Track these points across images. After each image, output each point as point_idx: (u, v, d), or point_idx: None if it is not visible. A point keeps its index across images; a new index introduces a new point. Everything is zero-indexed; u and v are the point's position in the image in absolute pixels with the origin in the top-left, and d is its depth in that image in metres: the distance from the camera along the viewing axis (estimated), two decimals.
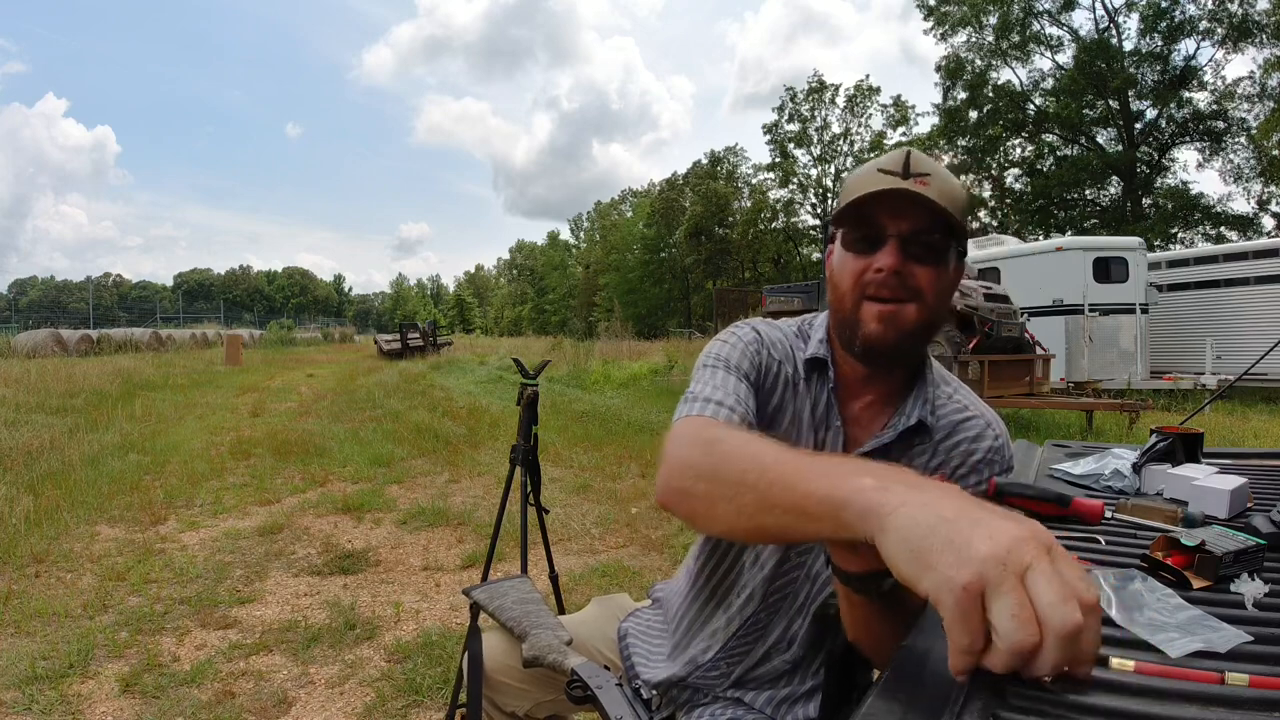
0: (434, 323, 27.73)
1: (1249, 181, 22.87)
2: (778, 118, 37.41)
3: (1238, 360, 9.71)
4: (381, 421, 8.16)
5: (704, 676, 1.02)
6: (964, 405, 0.97)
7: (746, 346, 0.96)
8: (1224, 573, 0.69)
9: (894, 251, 0.86)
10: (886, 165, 0.87)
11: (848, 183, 0.91)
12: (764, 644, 0.99)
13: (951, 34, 26.52)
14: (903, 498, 0.51)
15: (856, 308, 0.89)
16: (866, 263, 0.88)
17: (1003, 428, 0.98)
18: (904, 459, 0.93)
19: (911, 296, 0.87)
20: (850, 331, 0.90)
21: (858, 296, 0.89)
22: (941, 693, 0.49)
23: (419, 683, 2.36)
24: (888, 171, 0.86)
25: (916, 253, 0.87)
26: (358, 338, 45.11)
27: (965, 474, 0.94)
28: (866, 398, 0.96)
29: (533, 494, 2.21)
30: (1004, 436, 0.97)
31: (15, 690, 2.30)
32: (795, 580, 0.97)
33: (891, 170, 0.86)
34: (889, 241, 0.86)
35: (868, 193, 0.85)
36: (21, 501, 4.36)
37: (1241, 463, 1.26)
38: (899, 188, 0.84)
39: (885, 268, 0.86)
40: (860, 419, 0.97)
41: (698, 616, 1.05)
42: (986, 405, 1.00)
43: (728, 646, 1.01)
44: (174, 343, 24.84)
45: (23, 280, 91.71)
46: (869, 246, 0.88)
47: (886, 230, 0.86)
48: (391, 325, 52.23)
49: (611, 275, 49.05)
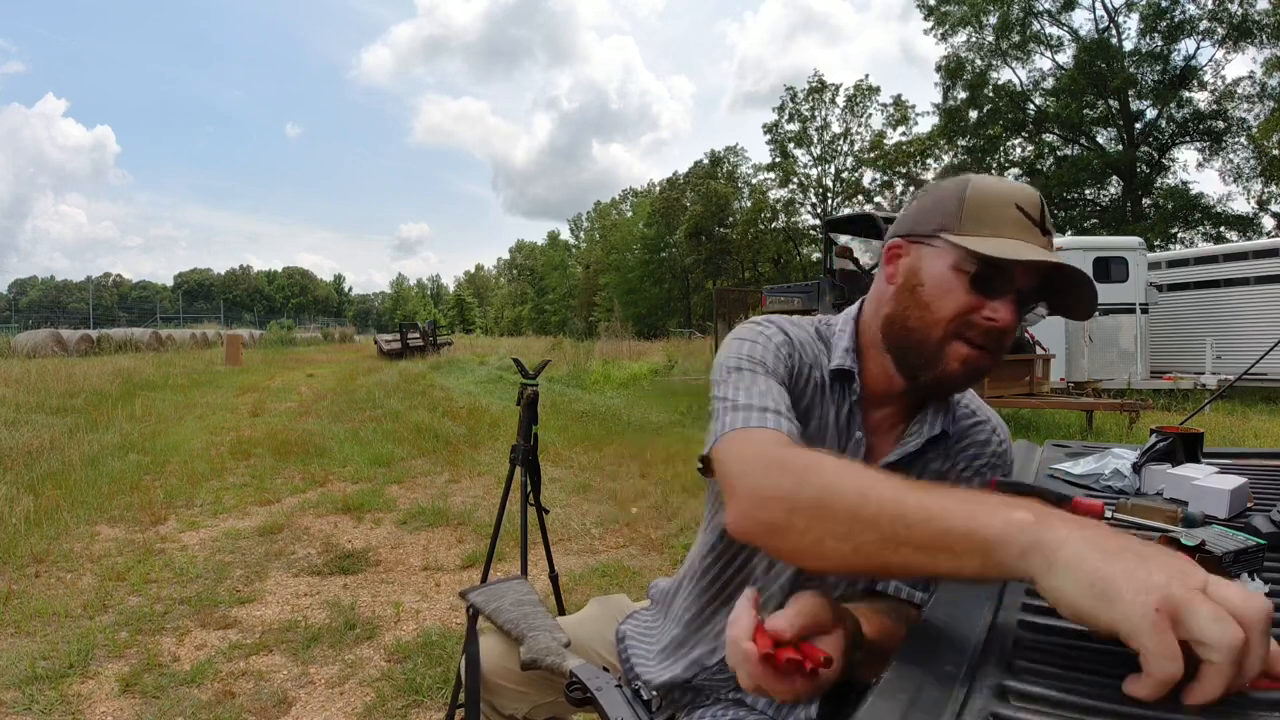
0: (434, 323, 27.73)
1: (1249, 181, 22.89)
2: (778, 118, 37.39)
3: (1238, 360, 9.71)
4: (381, 421, 8.16)
5: (710, 679, 1.01)
6: (972, 409, 0.97)
7: (779, 348, 0.89)
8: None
9: (1012, 308, 0.81)
10: (1025, 204, 0.81)
11: (980, 200, 0.82)
12: None
13: (951, 34, 26.51)
14: (1065, 534, 0.50)
15: (945, 341, 0.82)
16: (979, 303, 0.81)
17: (1006, 431, 0.99)
18: (920, 464, 0.92)
19: (999, 347, 0.83)
20: (924, 360, 0.84)
21: (951, 332, 0.82)
22: (942, 693, 0.49)
23: (419, 683, 2.36)
24: (1028, 214, 0.81)
25: (1023, 308, 0.83)
26: (358, 338, 45.10)
27: (970, 476, 0.94)
28: (888, 408, 0.93)
29: (533, 494, 2.21)
30: (1007, 440, 0.98)
31: (15, 690, 2.30)
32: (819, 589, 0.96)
33: (1031, 215, 0.81)
34: (1011, 294, 0.81)
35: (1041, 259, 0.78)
36: (21, 501, 4.36)
37: (1241, 463, 1.26)
38: (1052, 263, 0.78)
39: (1001, 322, 0.80)
40: (880, 427, 0.94)
41: (700, 615, 1.03)
42: (989, 407, 1.00)
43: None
44: (174, 343, 24.84)
45: (23, 280, 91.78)
46: (990, 289, 0.80)
47: (1015, 284, 0.80)
48: (391, 325, 52.21)
49: (611, 275, 49.03)
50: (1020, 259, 0.78)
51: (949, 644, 0.57)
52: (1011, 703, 0.46)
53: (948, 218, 0.83)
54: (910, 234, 0.87)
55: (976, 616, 0.62)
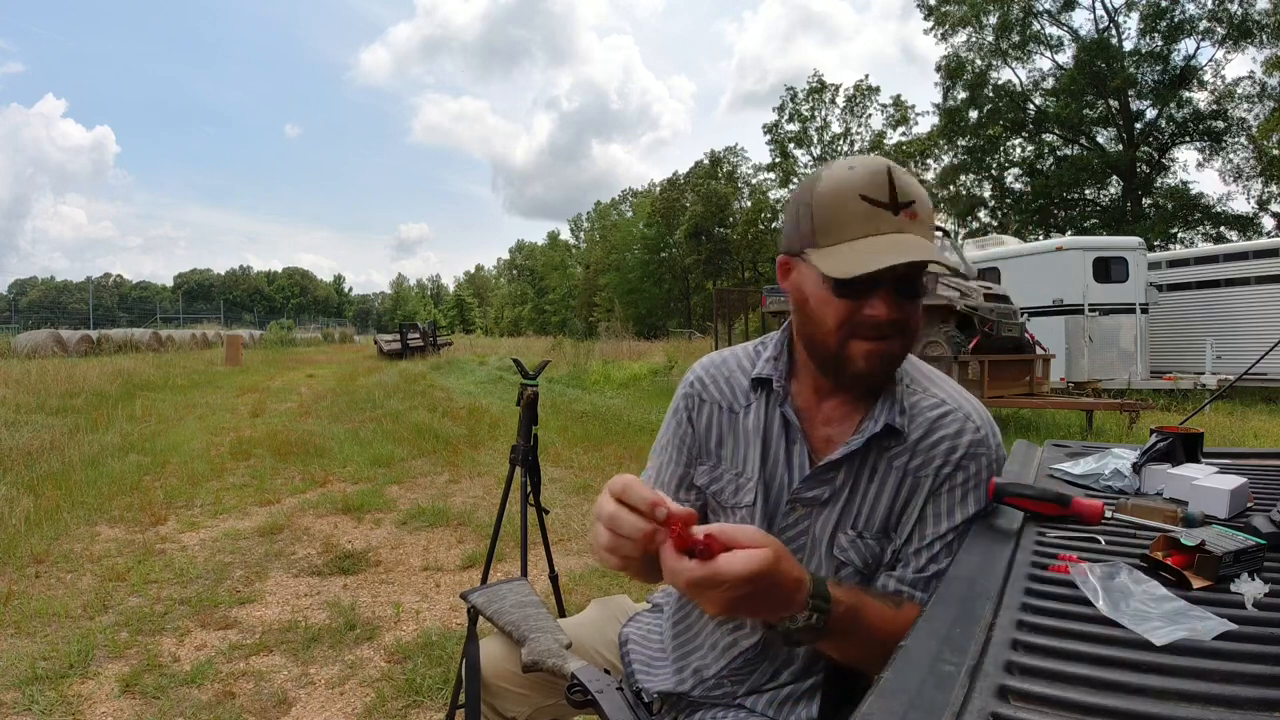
0: (434, 323, 27.75)
1: (1249, 181, 22.89)
2: (778, 118, 37.40)
3: (1238, 360, 9.70)
4: (381, 422, 8.16)
5: (708, 694, 1.00)
6: (941, 400, 0.93)
7: (679, 424, 1.04)
8: (1224, 572, 0.69)
9: (888, 301, 0.83)
10: (870, 190, 0.81)
11: (821, 198, 0.84)
12: (773, 663, 0.97)
13: (951, 34, 26.51)
14: None
15: (842, 344, 0.86)
16: (856, 307, 0.84)
17: (985, 418, 0.94)
18: (880, 463, 0.91)
19: (900, 331, 0.86)
20: (835, 366, 0.88)
21: (845, 336, 0.86)
22: (942, 693, 0.49)
23: (419, 683, 2.36)
24: (874, 201, 0.81)
25: (908, 290, 0.85)
26: (358, 338, 45.14)
27: (951, 471, 0.90)
28: (834, 405, 0.95)
29: (533, 494, 2.21)
30: (986, 427, 0.93)
31: (15, 690, 2.30)
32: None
33: (877, 199, 0.81)
34: (880, 289, 0.83)
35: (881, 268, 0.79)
36: (21, 502, 4.36)
37: (1241, 463, 1.26)
38: (908, 253, 0.79)
39: (881, 316, 0.83)
40: (829, 426, 0.95)
41: (696, 623, 1.04)
42: (968, 397, 0.96)
43: (733, 665, 0.98)
44: (174, 343, 24.85)
45: (23, 280, 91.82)
46: (858, 290, 0.83)
47: (880, 277, 0.81)
48: (391, 325, 52.19)
49: (611, 275, 49.04)
50: (864, 272, 0.79)
51: (949, 644, 0.57)
52: (1011, 703, 0.46)
53: (804, 235, 0.87)
54: (788, 251, 0.92)
55: (977, 616, 0.62)
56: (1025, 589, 0.68)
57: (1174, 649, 0.54)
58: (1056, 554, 0.78)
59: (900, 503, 0.91)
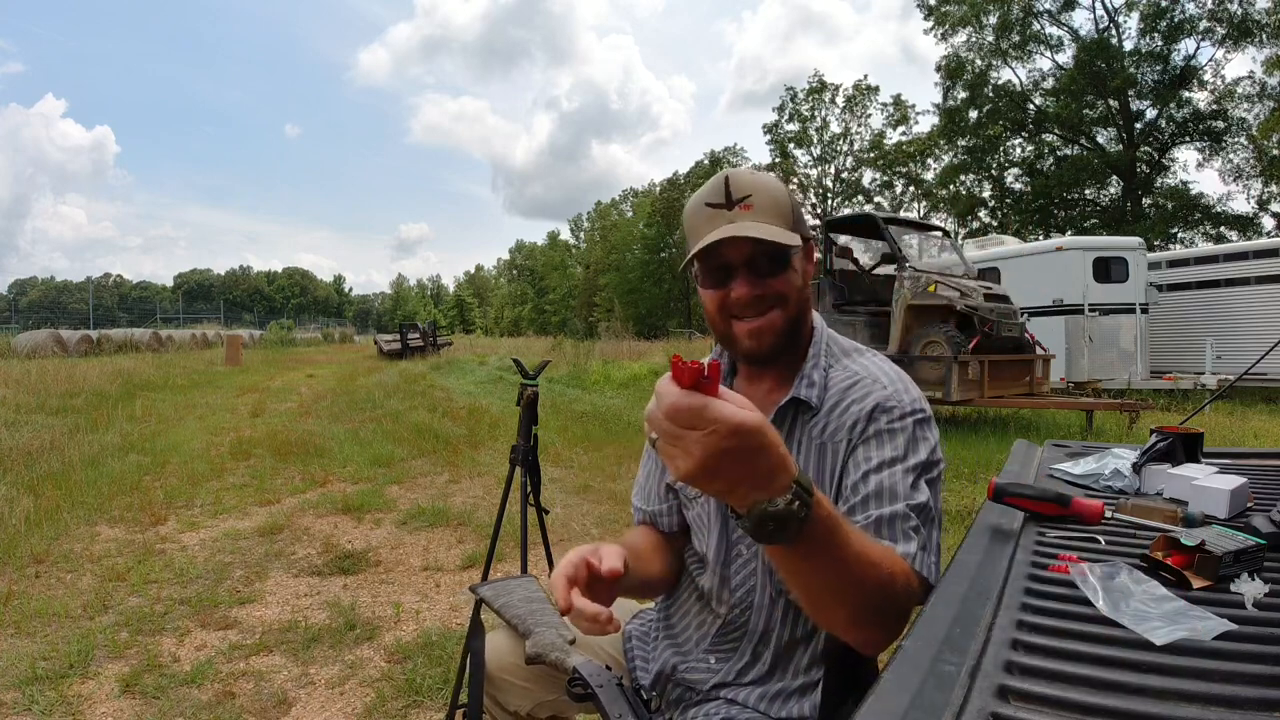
0: (434, 323, 27.74)
1: (1249, 181, 22.89)
2: (778, 118, 37.45)
3: (1238, 360, 9.70)
4: (381, 422, 8.16)
5: (693, 669, 1.05)
6: (855, 372, 1.01)
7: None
8: (1224, 572, 0.69)
9: (744, 281, 0.95)
10: (710, 197, 0.96)
11: (685, 218, 1.00)
12: (750, 641, 1.02)
13: (951, 34, 26.52)
14: None
15: (729, 328, 0.98)
16: (723, 293, 0.96)
17: (895, 378, 0.98)
18: (801, 436, 0.99)
19: (773, 305, 0.96)
20: (731, 347, 1.03)
21: (726, 319, 0.98)
22: (941, 693, 0.49)
23: (419, 683, 2.36)
24: (713, 204, 0.95)
25: (764, 267, 0.94)
26: (358, 338, 45.12)
27: (864, 427, 0.94)
28: (765, 383, 1.05)
29: (533, 494, 2.21)
30: (895, 384, 0.97)
31: (15, 690, 2.30)
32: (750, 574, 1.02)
33: (715, 202, 0.95)
34: (736, 272, 0.95)
35: (701, 246, 0.93)
36: (21, 502, 4.36)
37: (1241, 463, 1.26)
38: (725, 232, 0.91)
39: (741, 297, 0.95)
40: (763, 402, 1.02)
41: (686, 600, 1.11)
42: (885, 367, 1.01)
43: (715, 641, 1.05)
44: (174, 343, 24.87)
45: (23, 280, 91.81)
46: (721, 279, 0.96)
47: (731, 262, 0.95)
48: (391, 325, 52.21)
49: (611, 275, 49.03)
50: (690, 257, 0.96)
51: (949, 644, 0.57)
52: (1011, 702, 0.46)
53: (686, 245, 1.01)
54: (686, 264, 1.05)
55: (977, 616, 0.62)
56: (1025, 589, 0.68)
57: (1174, 649, 0.54)
58: (1056, 554, 0.78)
59: (827, 472, 0.97)
